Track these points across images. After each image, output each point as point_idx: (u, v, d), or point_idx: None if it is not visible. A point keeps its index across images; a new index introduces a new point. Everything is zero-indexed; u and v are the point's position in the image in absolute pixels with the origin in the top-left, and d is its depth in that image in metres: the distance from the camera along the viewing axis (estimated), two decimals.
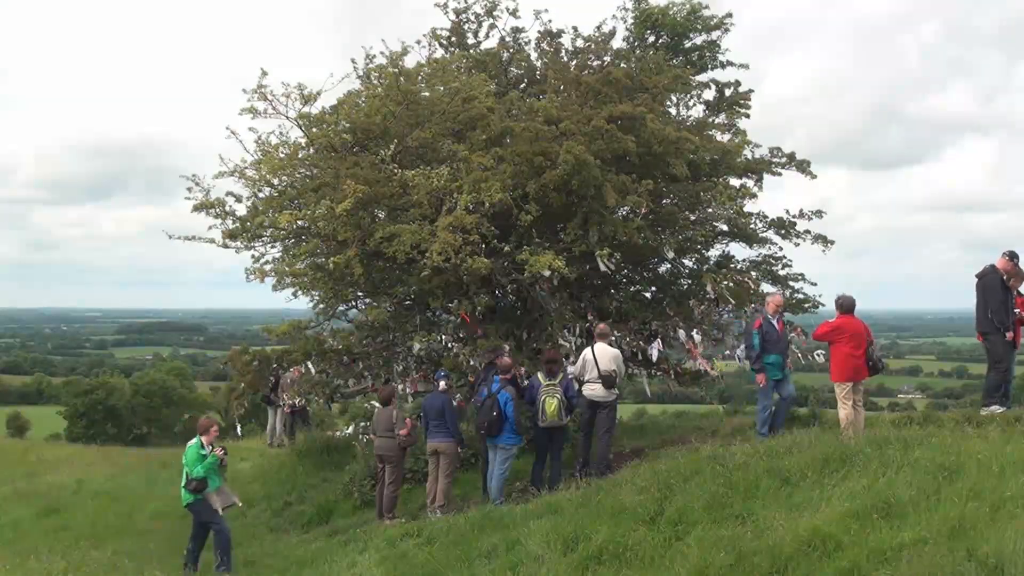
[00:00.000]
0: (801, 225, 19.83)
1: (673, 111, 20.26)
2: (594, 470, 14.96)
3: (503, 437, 15.04)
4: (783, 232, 19.87)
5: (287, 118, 17.89)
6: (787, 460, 11.40)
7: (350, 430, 24.12)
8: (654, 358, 18.43)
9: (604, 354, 15.39)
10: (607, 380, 15.24)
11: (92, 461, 30.26)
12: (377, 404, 17.47)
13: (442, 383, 16.06)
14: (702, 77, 20.99)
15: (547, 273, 15.98)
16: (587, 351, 15.65)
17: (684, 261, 20.06)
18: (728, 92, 20.74)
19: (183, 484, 14.69)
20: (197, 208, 17.88)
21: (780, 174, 20.28)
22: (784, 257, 20.10)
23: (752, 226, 19.86)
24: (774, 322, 15.35)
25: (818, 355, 18.34)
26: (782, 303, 15.00)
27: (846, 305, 14.37)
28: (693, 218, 19.37)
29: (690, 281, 19.90)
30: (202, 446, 14.91)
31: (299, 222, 16.91)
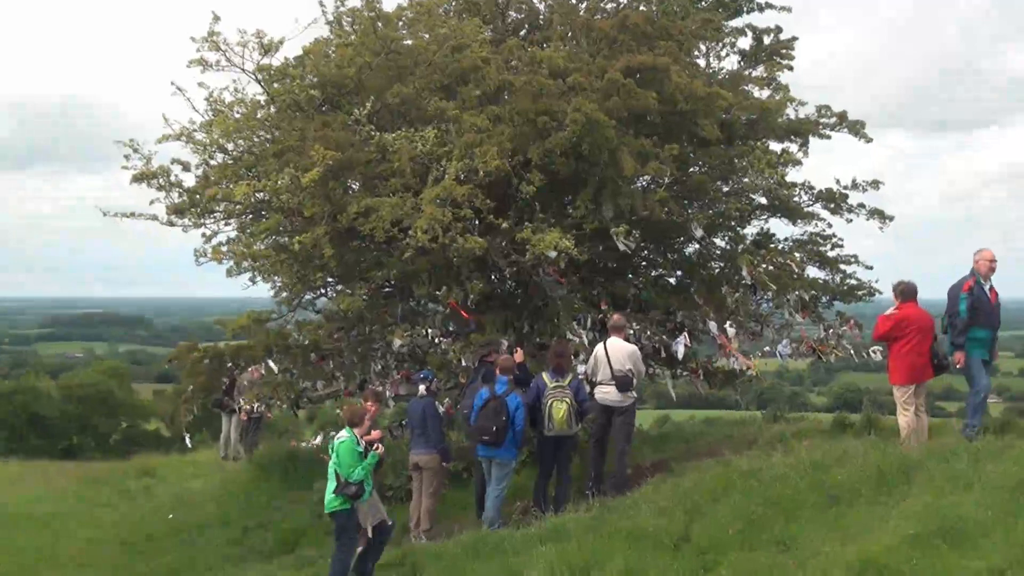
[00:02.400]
0: (854, 198, 19.81)
1: (702, 62, 20.21)
2: (608, 487, 14.98)
3: (503, 450, 14.94)
4: (832, 206, 19.84)
5: (243, 71, 17.91)
6: (836, 475, 11.41)
7: (319, 440, 24.14)
8: (680, 355, 18.40)
9: (619, 350, 15.39)
10: (622, 381, 15.23)
11: (14, 479, 30.31)
12: None
13: (421, 387, 16.05)
14: (736, 22, 20.92)
15: (553, 254, 15.94)
16: (599, 347, 15.63)
17: (715, 240, 20.05)
18: (767, 40, 20.64)
19: (333, 488, 13.58)
20: (137, 179, 17.88)
21: (829, 137, 20.23)
22: (834, 236, 20.10)
23: (796, 199, 19.85)
24: (986, 287, 14.15)
25: (874, 352, 18.35)
26: (995, 261, 14.17)
27: (908, 291, 14.29)
28: (726, 189, 19.40)
29: (723, 264, 19.88)
30: (357, 442, 13.81)
31: (258, 194, 16.89)
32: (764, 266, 18.08)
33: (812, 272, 19.62)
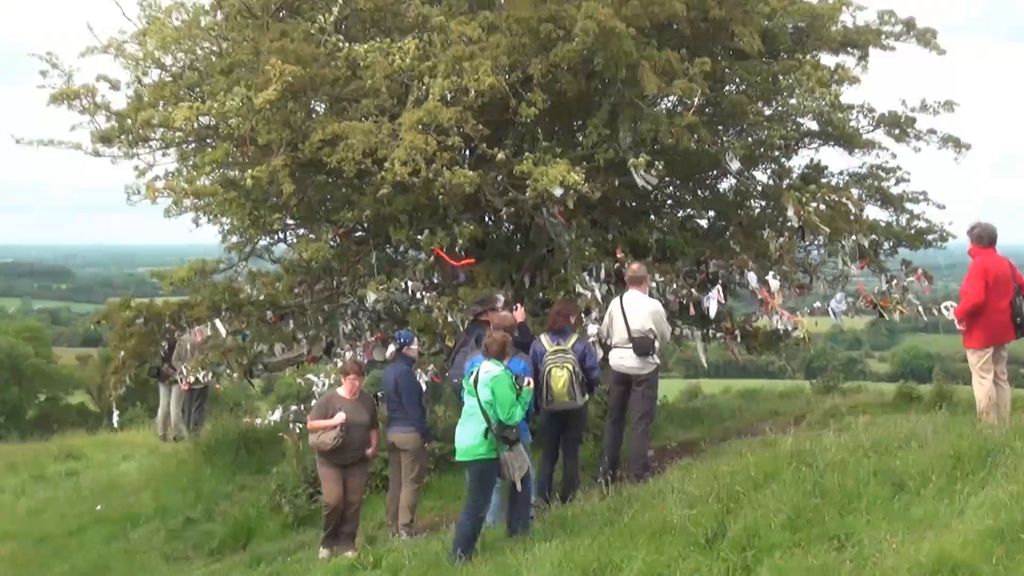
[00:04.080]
0: (923, 122, 19.74)
1: None
2: (626, 472, 14.97)
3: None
4: (897, 132, 19.77)
5: None
6: (903, 458, 11.43)
7: (276, 416, 24.16)
8: (712, 313, 18.41)
9: (638, 307, 15.31)
10: (641, 344, 15.14)
11: None
12: (316, 379, 17.45)
13: (390, 347, 16.02)
14: None
15: (559, 191, 15.87)
16: (614, 303, 15.57)
17: (755, 174, 20.01)
18: None
19: (482, 431, 13.11)
20: (56, 99, 17.79)
21: (893, 49, 20.12)
22: (899, 168, 20.05)
23: (853, 123, 19.78)
24: None
25: (945, 308, 18.22)
26: None
27: (986, 236, 14.20)
28: (768, 112, 19.29)
29: (764, 203, 19.86)
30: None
31: (202, 118, 16.83)
32: (814, 205, 17.95)
33: (872, 212, 19.61)
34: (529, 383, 13.27)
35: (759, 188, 20.06)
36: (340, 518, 15.68)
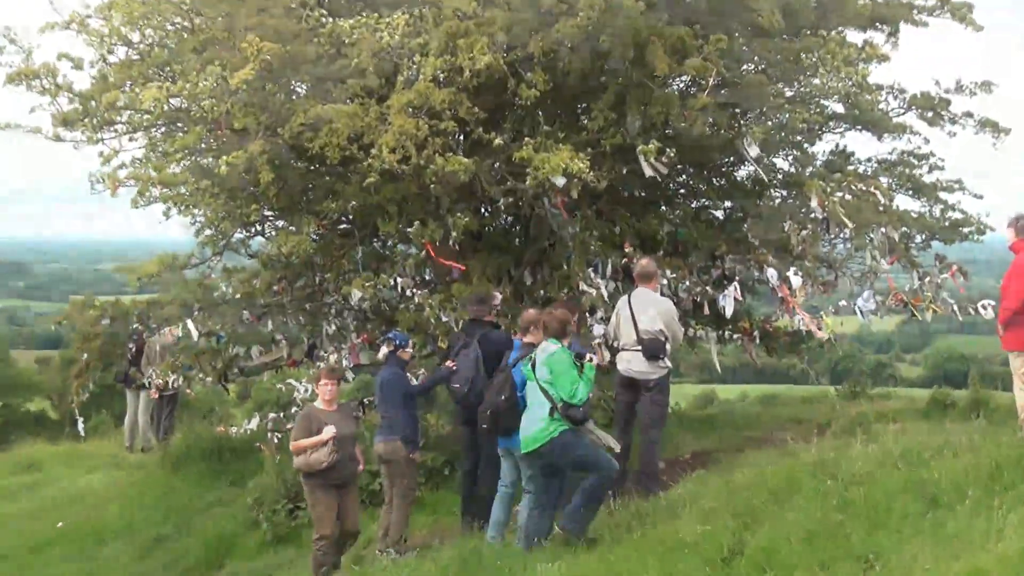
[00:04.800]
0: (958, 105, 19.70)
1: None
2: (635, 485, 14.95)
3: (516, 439, 13.99)
4: (930, 115, 19.72)
5: None
6: (936, 470, 11.42)
7: (253, 424, 24.12)
8: (728, 312, 18.39)
9: (647, 306, 15.25)
10: (651, 346, 15.07)
11: None
12: (298, 384, 17.40)
13: (383, 349, 15.97)
14: None
15: (561, 180, 15.85)
16: (622, 301, 15.53)
17: (776, 161, 19.97)
18: None
19: (547, 412, 12.88)
20: (13, 79, 17.76)
21: (926, 25, 20.06)
22: (932, 155, 19.99)
23: (882, 106, 19.74)
24: None
25: (984, 307, 18.18)
26: None
27: None
28: (790, 93, 19.26)
29: (785, 192, 19.83)
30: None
31: (173, 100, 16.78)
32: (840, 195, 17.91)
33: (903, 202, 19.57)
34: (591, 359, 13.13)
35: (780, 176, 20.03)
36: (336, 550, 15.41)
